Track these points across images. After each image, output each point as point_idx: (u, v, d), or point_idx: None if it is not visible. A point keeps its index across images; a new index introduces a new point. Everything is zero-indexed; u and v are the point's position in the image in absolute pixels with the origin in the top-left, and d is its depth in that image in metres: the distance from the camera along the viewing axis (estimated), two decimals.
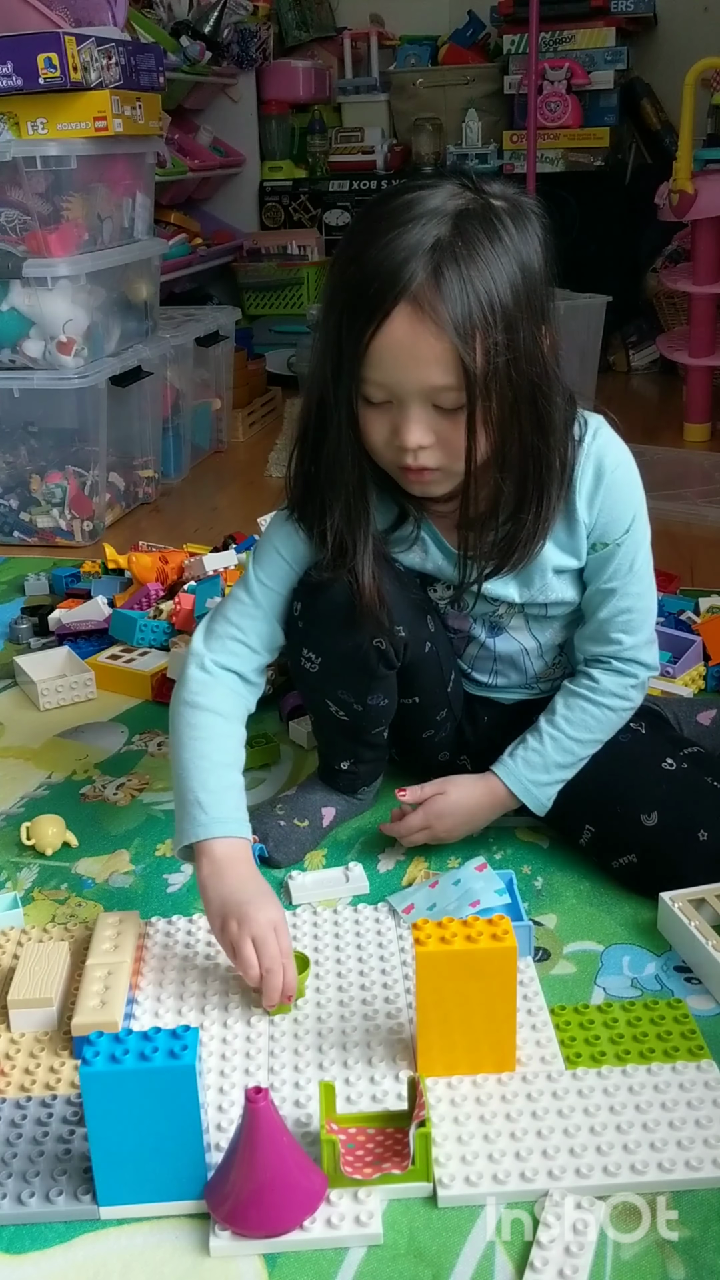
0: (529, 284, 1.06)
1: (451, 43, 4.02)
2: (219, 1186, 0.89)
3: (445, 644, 1.34)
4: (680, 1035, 1.05)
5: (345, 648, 1.26)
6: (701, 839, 1.22)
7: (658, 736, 1.34)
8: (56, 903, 1.30)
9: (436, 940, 0.97)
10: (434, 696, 1.35)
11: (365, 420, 1.12)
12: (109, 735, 1.68)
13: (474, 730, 1.40)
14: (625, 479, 1.21)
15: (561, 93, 3.67)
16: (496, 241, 1.04)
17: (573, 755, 1.28)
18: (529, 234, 1.07)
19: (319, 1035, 1.07)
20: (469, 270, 1.02)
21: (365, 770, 1.41)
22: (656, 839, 1.23)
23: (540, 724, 1.29)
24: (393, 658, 1.27)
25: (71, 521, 2.53)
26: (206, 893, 1.12)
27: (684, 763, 1.28)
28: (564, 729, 1.27)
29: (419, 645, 1.30)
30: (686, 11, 3.88)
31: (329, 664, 1.28)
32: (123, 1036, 0.88)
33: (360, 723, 1.33)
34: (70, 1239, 0.90)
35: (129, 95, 2.45)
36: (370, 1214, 0.89)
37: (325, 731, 1.39)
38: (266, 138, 4.01)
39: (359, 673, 1.28)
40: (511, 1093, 0.99)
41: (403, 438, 1.09)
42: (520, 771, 1.28)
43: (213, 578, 1.93)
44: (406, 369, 1.05)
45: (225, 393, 3.28)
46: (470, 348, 1.03)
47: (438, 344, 1.03)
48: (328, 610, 1.24)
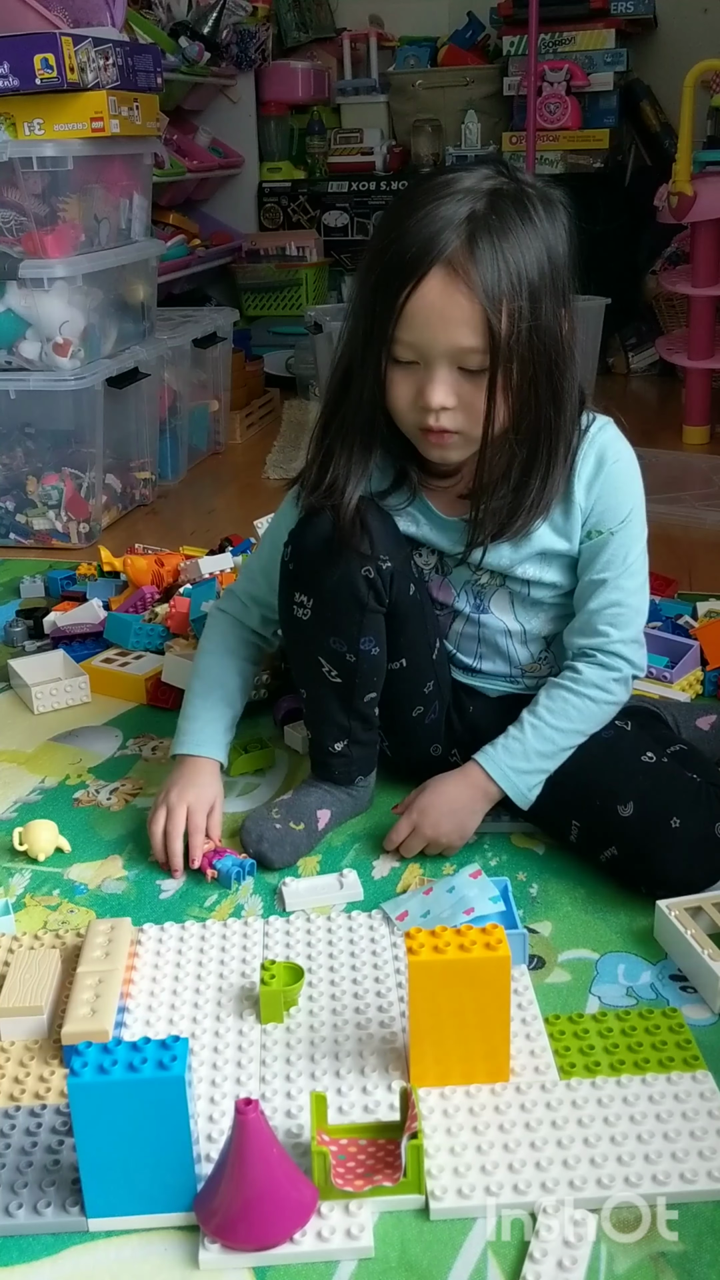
0: (554, 265, 1.14)
1: (451, 44, 4.01)
2: (209, 1199, 0.88)
3: (429, 604, 1.36)
4: (675, 1045, 1.04)
5: (334, 579, 1.28)
6: (674, 826, 1.22)
7: (642, 733, 1.35)
8: (48, 909, 1.29)
9: (430, 949, 0.96)
10: (420, 659, 1.37)
11: (392, 382, 1.18)
12: (103, 739, 1.67)
13: (461, 721, 1.41)
14: (626, 471, 1.27)
15: (561, 94, 3.66)
16: (527, 220, 1.13)
17: (553, 744, 1.29)
18: (556, 220, 1.16)
19: (311, 1045, 1.06)
20: (501, 241, 1.10)
21: (359, 754, 1.40)
22: (633, 830, 1.24)
23: (523, 715, 1.31)
24: (381, 589, 1.29)
25: (68, 523, 2.52)
26: (163, 787, 1.37)
27: (664, 757, 1.29)
28: (544, 717, 1.29)
29: (404, 584, 1.31)
30: (686, 13, 3.88)
31: (320, 604, 1.30)
32: (111, 1047, 0.87)
33: (354, 679, 1.33)
34: (58, 1251, 0.89)
35: (126, 96, 2.44)
36: (361, 1227, 0.88)
37: (318, 704, 1.37)
38: (265, 139, 4.00)
39: (350, 607, 1.28)
40: (505, 1103, 0.98)
41: (427, 397, 1.15)
42: (500, 758, 1.30)
43: (208, 581, 1.92)
44: (436, 330, 1.12)
45: (223, 394, 3.27)
46: (498, 313, 1.10)
47: (468, 306, 1.10)
48: (314, 542, 1.28)
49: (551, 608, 1.34)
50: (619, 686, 1.30)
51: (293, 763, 1.58)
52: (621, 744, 1.31)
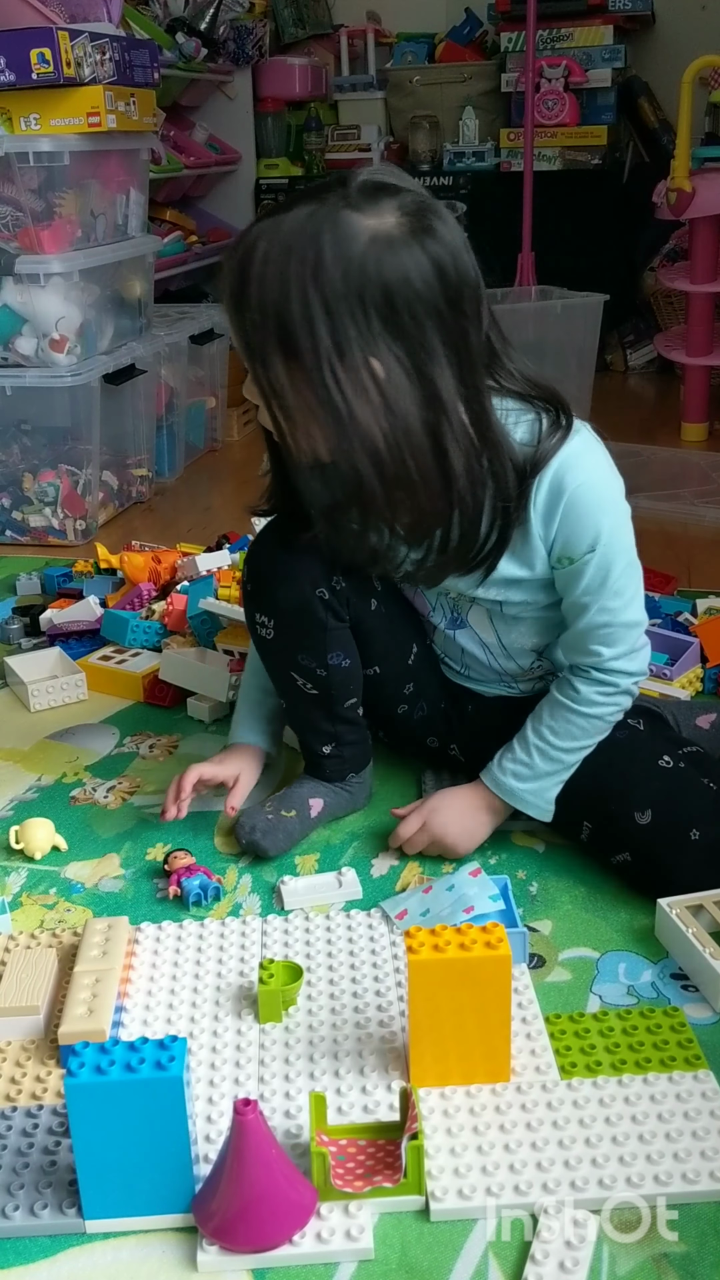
0: (329, 294, 1.01)
1: (449, 40, 4.00)
2: (207, 1200, 0.87)
3: (400, 611, 1.35)
4: (677, 1044, 1.03)
5: (290, 601, 1.29)
6: (694, 838, 1.21)
7: (656, 734, 1.32)
8: (45, 908, 1.28)
9: (429, 948, 0.96)
10: (394, 667, 1.36)
11: None
12: (100, 737, 1.66)
13: (460, 718, 1.40)
14: (590, 495, 1.14)
15: (559, 91, 3.65)
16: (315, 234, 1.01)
17: (561, 763, 1.27)
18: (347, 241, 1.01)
19: (310, 1044, 1.06)
20: (270, 246, 1.02)
21: (350, 753, 1.40)
22: (650, 838, 1.22)
23: (527, 733, 1.27)
24: (338, 607, 1.29)
25: (64, 520, 2.51)
26: None
27: (681, 761, 1.27)
28: (549, 739, 1.26)
29: (363, 600, 1.31)
30: (684, 10, 3.87)
31: (281, 623, 1.31)
32: (109, 1047, 0.86)
33: (330, 691, 1.34)
34: (55, 1253, 0.88)
35: (123, 91, 2.43)
36: (361, 1228, 0.87)
37: (299, 712, 1.38)
38: (262, 135, 3.99)
39: (311, 627, 1.29)
40: (506, 1104, 0.98)
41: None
42: (510, 785, 1.28)
43: (205, 578, 1.92)
44: None
45: (220, 391, 3.26)
46: (240, 324, 1.05)
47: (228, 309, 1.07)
48: (266, 564, 1.30)
49: (534, 622, 1.28)
50: (622, 697, 1.25)
51: (291, 762, 1.57)
52: (636, 746, 1.28)
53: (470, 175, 3.81)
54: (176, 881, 1.28)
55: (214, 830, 1.42)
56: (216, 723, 1.68)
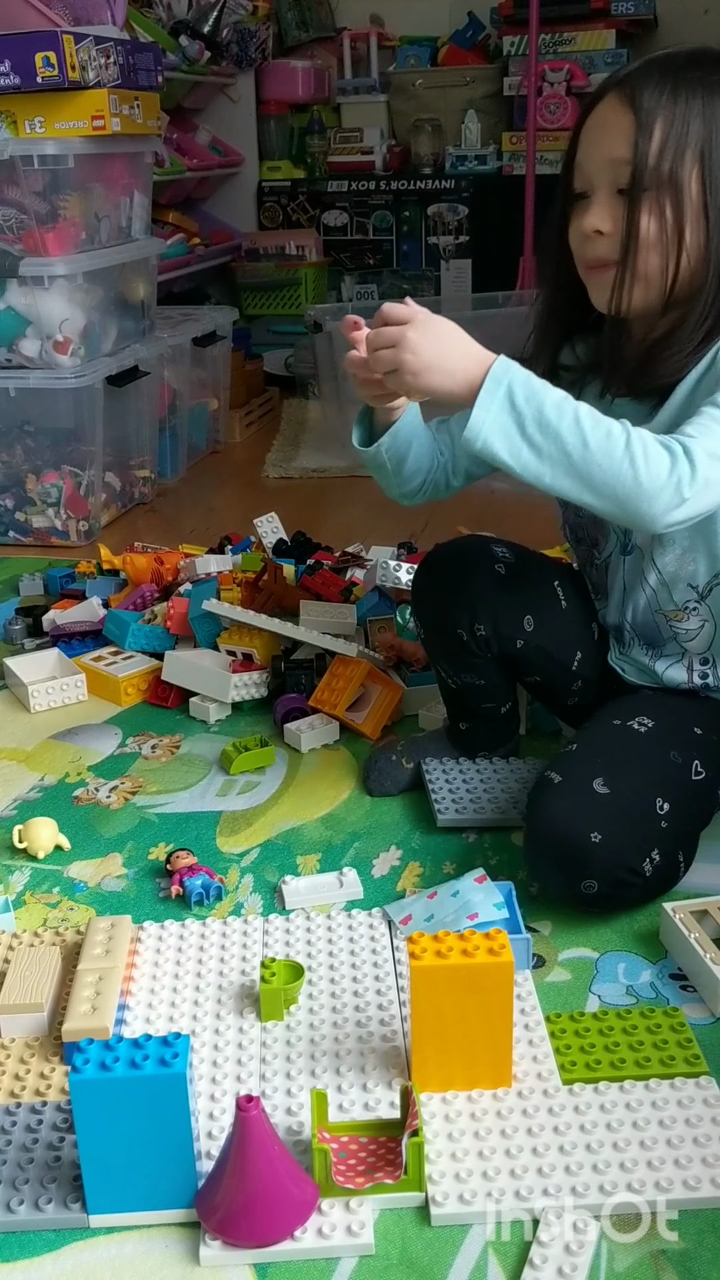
0: None
1: (451, 44, 4.01)
2: (209, 1195, 0.88)
3: (558, 633, 1.39)
4: (677, 1044, 1.04)
5: (435, 623, 1.41)
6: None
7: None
8: (48, 906, 1.29)
9: (432, 954, 0.96)
10: (557, 676, 1.42)
11: (571, 222, 1.20)
12: (102, 737, 1.67)
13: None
14: None
15: (561, 94, 3.66)
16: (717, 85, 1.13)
17: (556, 425, 1.06)
18: None
19: (311, 1043, 1.06)
20: (679, 76, 1.12)
21: (483, 738, 1.49)
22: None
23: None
24: (476, 649, 1.37)
25: (67, 521, 2.52)
26: None
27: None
28: (579, 407, 1.08)
29: (508, 644, 1.37)
30: (687, 14, 3.87)
31: (427, 634, 1.44)
32: (113, 1043, 0.87)
33: (461, 697, 1.45)
34: (59, 1247, 0.89)
35: (127, 94, 2.44)
36: (362, 1224, 0.88)
37: (442, 690, 1.50)
38: (265, 137, 4.00)
39: (451, 649, 1.39)
40: (507, 1109, 0.98)
41: (583, 221, 1.17)
42: (515, 374, 1.08)
43: (208, 580, 1.92)
44: (597, 143, 1.16)
45: (222, 393, 3.27)
46: (648, 129, 1.12)
47: (626, 118, 1.13)
48: (423, 580, 1.42)
49: (692, 541, 1.23)
50: (662, 454, 1.06)
51: (292, 760, 1.58)
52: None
53: (472, 179, 3.81)
54: (179, 881, 1.29)
55: (216, 830, 1.42)
56: (219, 723, 1.69)
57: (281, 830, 1.42)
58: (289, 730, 1.61)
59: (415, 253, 3.88)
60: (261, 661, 1.72)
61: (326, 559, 2.17)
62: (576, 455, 1.06)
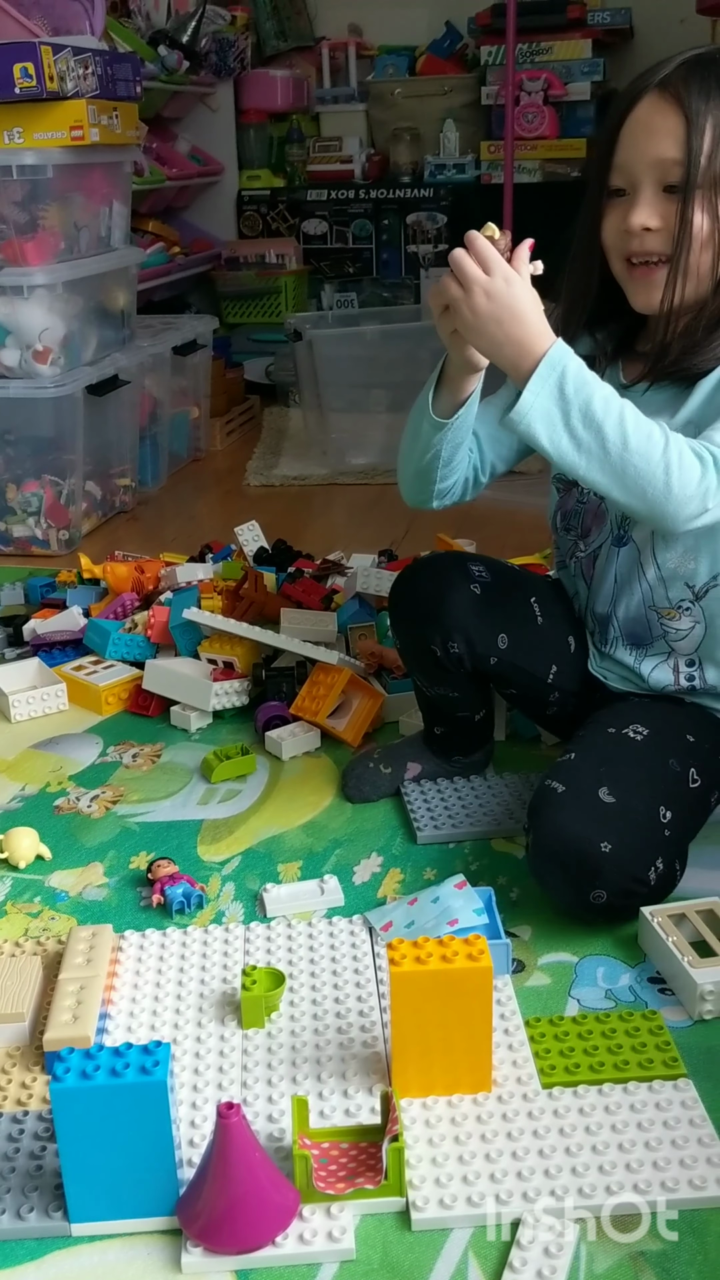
0: None
1: (429, 53, 4.02)
2: (191, 1203, 0.89)
3: (533, 650, 1.39)
4: (655, 1047, 1.05)
5: (409, 639, 1.42)
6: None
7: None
8: (29, 916, 1.29)
9: (411, 960, 0.97)
10: (533, 689, 1.42)
11: (605, 219, 1.23)
12: (83, 747, 1.67)
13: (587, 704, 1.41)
14: None
15: (539, 104, 3.68)
16: None
17: (601, 420, 1.10)
18: None
19: (293, 1050, 1.07)
20: (717, 76, 1.16)
21: (458, 742, 1.51)
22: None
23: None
24: (449, 666, 1.37)
25: (48, 531, 2.52)
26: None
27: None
28: (625, 405, 1.11)
29: (482, 661, 1.37)
30: (663, 24, 3.90)
31: (403, 647, 1.46)
32: (94, 1052, 0.87)
33: (436, 705, 1.47)
34: (41, 1256, 0.89)
35: (106, 104, 2.44)
36: (343, 1229, 0.89)
37: (418, 697, 1.52)
38: (245, 146, 4.00)
39: (425, 663, 1.40)
40: (487, 1114, 0.99)
41: (630, 218, 1.19)
42: (570, 363, 1.11)
43: (189, 588, 1.93)
44: (642, 143, 1.18)
45: (203, 401, 3.28)
46: (700, 129, 1.15)
47: (674, 119, 1.16)
48: (396, 600, 1.42)
49: (689, 535, 1.23)
50: (694, 463, 1.11)
51: (273, 769, 1.58)
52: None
53: (451, 187, 3.83)
54: (160, 890, 1.29)
55: (197, 839, 1.43)
56: (200, 732, 1.69)
57: (263, 838, 1.43)
58: (270, 738, 1.62)
59: (395, 261, 3.89)
60: (242, 670, 1.73)
61: (307, 567, 2.17)
62: (615, 453, 1.10)
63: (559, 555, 1.45)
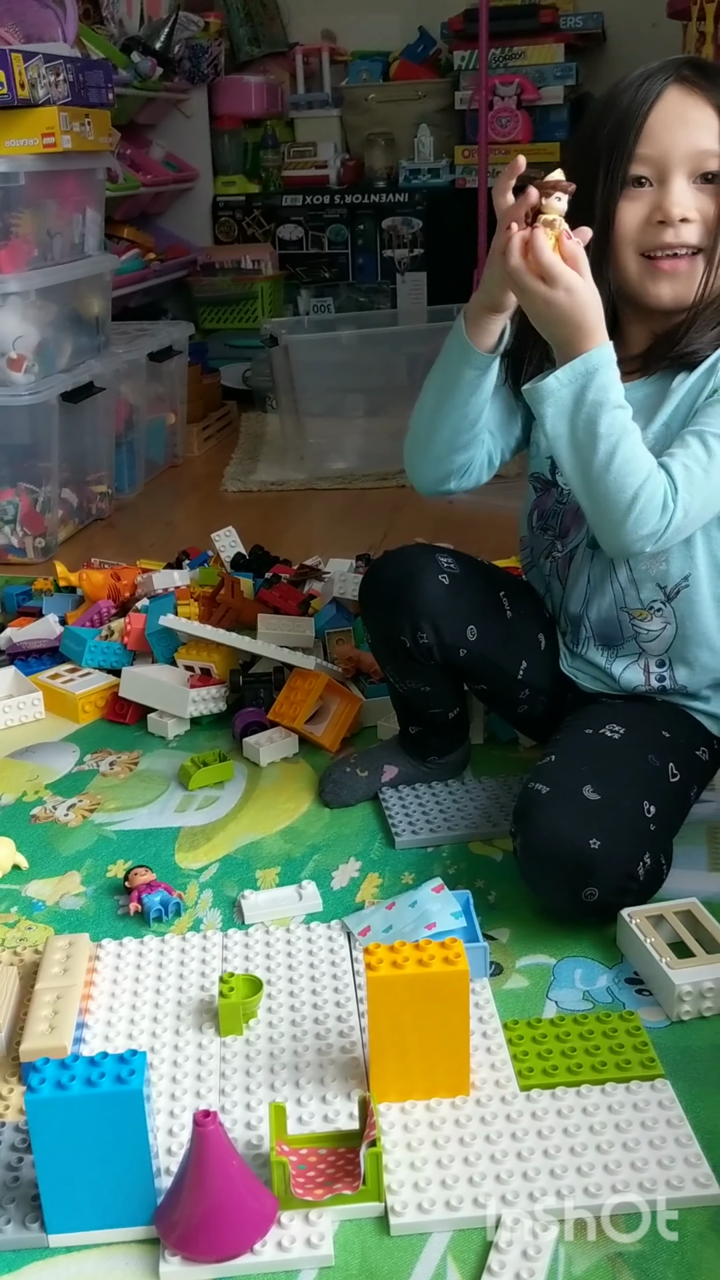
0: None
1: (403, 59, 4.03)
2: (169, 1212, 0.88)
3: (503, 643, 1.39)
4: (633, 1048, 1.05)
5: (379, 630, 1.41)
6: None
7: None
8: (6, 926, 1.29)
9: (388, 964, 0.97)
10: (503, 685, 1.42)
11: (622, 213, 1.22)
12: (60, 755, 1.66)
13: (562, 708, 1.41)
14: None
15: (512, 108, 3.69)
16: None
17: (599, 435, 1.15)
18: None
19: (271, 1056, 1.07)
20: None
21: (436, 743, 1.50)
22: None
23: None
24: (418, 656, 1.36)
25: (24, 538, 2.51)
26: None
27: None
28: (627, 436, 1.16)
29: (451, 652, 1.36)
30: (635, 28, 3.92)
31: (374, 640, 1.45)
32: (69, 1062, 0.87)
33: (409, 700, 1.46)
34: (19, 1268, 0.89)
35: (78, 111, 2.44)
36: (322, 1235, 0.88)
37: (391, 695, 1.51)
38: (219, 152, 4.00)
39: (395, 655, 1.40)
40: (465, 1116, 0.99)
41: (667, 208, 1.20)
42: (603, 372, 1.16)
43: (165, 595, 1.92)
44: (678, 134, 1.19)
45: (180, 407, 3.27)
46: None
47: (708, 110, 1.19)
48: (370, 586, 1.40)
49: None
50: (657, 511, 1.17)
51: (251, 775, 1.58)
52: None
53: (426, 192, 3.84)
54: (137, 898, 1.29)
55: (175, 846, 1.43)
56: (178, 739, 1.69)
57: (241, 845, 1.42)
58: (248, 744, 1.62)
59: (371, 266, 3.90)
60: (220, 676, 1.72)
61: (285, 572, 2.17)
62: (598, 469, 1.17)
63: (530, 556, 1.45)
